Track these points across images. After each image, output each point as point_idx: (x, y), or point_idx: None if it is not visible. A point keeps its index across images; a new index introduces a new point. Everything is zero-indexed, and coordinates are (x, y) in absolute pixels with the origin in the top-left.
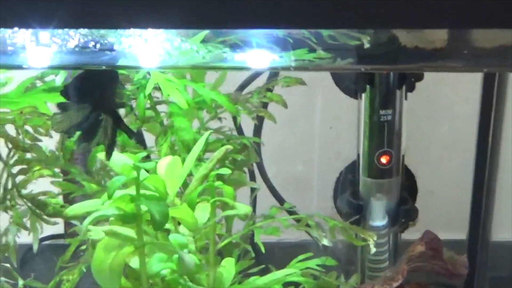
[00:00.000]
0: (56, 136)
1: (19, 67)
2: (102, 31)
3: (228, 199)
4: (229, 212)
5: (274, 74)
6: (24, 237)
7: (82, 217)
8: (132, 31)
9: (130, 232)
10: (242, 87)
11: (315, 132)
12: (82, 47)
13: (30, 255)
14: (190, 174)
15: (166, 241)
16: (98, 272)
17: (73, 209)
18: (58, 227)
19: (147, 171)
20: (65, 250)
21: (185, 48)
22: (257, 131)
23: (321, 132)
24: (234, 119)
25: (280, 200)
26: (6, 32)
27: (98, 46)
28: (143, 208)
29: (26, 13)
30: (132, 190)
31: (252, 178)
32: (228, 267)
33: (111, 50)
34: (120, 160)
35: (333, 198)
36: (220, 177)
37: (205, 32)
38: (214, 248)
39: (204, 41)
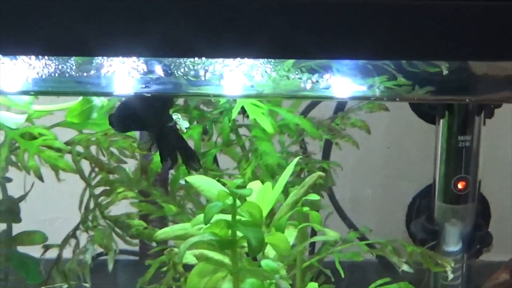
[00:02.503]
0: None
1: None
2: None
3: (316, 224)
4: (319, 238)
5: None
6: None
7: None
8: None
9: (220, 257)
10: (307, 110)
11: (373, 153)
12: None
13: None
14: None
15: (252, 266)
16: None
17: (163, 233)
18: None
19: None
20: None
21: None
22: (326, 154)
23: (380, 153)
24: (302, 142)
25: (349, 223)
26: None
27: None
28: (239, 234)
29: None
30: (226, 216)
31: None
32: None
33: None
34: (211, 185)
35: (405, 223)
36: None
37: (292, 61)
38: (301, 273)
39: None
